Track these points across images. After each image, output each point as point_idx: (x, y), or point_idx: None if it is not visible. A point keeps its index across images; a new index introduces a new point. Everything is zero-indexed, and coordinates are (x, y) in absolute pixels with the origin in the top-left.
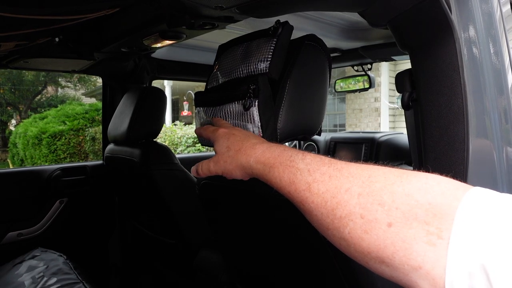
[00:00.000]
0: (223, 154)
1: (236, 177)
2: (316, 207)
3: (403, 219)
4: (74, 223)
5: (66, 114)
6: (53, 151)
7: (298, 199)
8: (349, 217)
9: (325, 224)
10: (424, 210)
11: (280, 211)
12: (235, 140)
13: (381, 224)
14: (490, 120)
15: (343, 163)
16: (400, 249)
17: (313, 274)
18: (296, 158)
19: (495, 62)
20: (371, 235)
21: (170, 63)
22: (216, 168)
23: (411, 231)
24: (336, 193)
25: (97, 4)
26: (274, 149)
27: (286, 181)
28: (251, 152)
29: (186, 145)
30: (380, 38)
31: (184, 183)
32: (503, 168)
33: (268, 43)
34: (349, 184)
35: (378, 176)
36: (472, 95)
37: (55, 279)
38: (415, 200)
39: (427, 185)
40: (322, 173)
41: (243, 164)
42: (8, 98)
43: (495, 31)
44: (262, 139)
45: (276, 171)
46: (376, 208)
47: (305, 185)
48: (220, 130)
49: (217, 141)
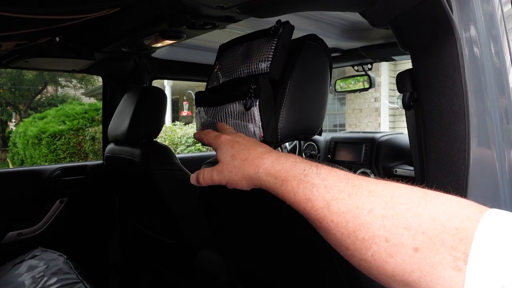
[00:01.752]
0: (227, 164)
1: (241, 188)
2: (335, 226)
3: (430, 244)
4: (74, 223)
5: (66, 113)
6: (53, 151)
7: (315, 216)
8: (373, 240)
9: (345, 244)
10: (451, 235)
11: (281, 211)
12: (240, 149)
13: (407, 248)
14: (491, 120)
15: (359, 178)
16: (427, 274)
17: (313, 273)
18: (310, 172)
19: (496, 62)
20: (396, 259)
21: (171, 63)
22: (219, 177)
23: (438, 257)
24: (358, 214)
25: (97, 4)
26: (284, 161)
27: (301, 197)
28: (259, 163)
29: (186, 144)
30: (381, 38)
31: (184, 183)
32: (504, 168)
33: (269, 43)
34: (371, 204)
35: (401, 196)
36: (473, 95)
37: (55, 279)
38: (441, 224)
39: (452, 209)
40: (340, 190)
41: (251, 176)
42: (8, 97)
43: (496, 31)
44: (268, 147)
45: (289, 185)
46: (402, 232)
47: (323, 202)
48: (223, 137)
49: (220, 148)
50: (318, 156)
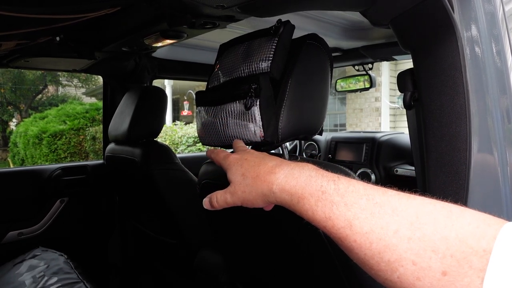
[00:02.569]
0: (239, 184)
1: (258, 206)
2: (359, 247)
3: (458, 267)
4: (74, 222)
5: (67, 113)
6: (54, 151)
7: (337, 236)
8: (399, 263)
9: (369, 265)
10: (479, 257)
11: (281, 212)
12: (250, 166)
13: (435, 272)
14: (493, 119)
15: (380, 193)
16: None
17: (314, 274)
18: (328, 189)
19: (497, 61)
20: (424, 283)
21: (171, 62)
22: (234, 199)
23: (466, 279)
24: (383, 235)
25: (98, 3)
26: (298, 175)
27: (321, 216)
28: (271, 179)
29: (187, 144)
30: (382, 37)
31: (185, 183)
32: (505, 167)
33: (270, 42)
34: (396, 225)
35: (426, 216)
36: (475, 94)
37: (56, 279)
38: (469, 247)
39: (479, 229)
40: (362, 209)
41: (265, 193)
42: (9, 97)
43: (498, 30)
44: (279, 160)
45: (307, 203)
46: (429, 255)
47: (344, 222)
48: (231, 157)
49: (230, 169)
50: (318, 155)
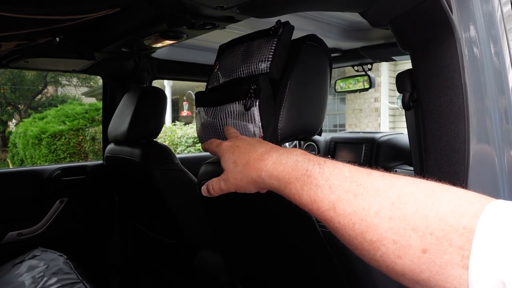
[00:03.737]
0: (231, 171)
1: (250, 192)
2: (343, 228)
3: (438, 245)
4: (74, 223)
5: (66, 114)
6: (53, 151)
7: (322, 218)
8: (381, 242)
9: (354, 245)
10: (458, 234)
11: (280, 212)
12: (240, 153)
13: (415, 250)
14: (491, 120)
15: (364, 175)
16: (436, 274)
17: (313, 274)
18: (314, 172)
19: (495, 62)
20: (405, 261)
21: (171, 63)
22: (227, 186)
23: (446, 257)
24: (365, 216)
25: (97, 4)
26: (286, 160)
27: (307, 200)
28: (260, 165)
29: (186, 145)
30: (381, 38)
31: (185, 183)
32: (503, 168)
33: (269, 43)
34: (377, 205)
35: (408, 196)
36: (473, 95)
37: (56, 279)
38: (449, 225)
39: (460, 207)
40: (345, 191)
41: (255, 179)
42: (9, 97)
43: (496, 31)
44: (269, 146)
45: (293, 187)
46: (409, 233)
47: (328, 204)
48: (224, 144)
49: (223, 156)
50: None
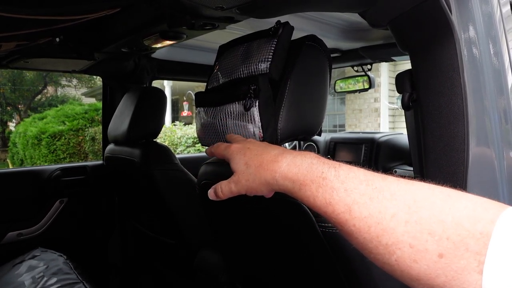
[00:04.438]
0: (243, 173)
1: (262, 194)
2: (357, 231)
3: (455, 249)
4: (74, 223)
5: (66, 114)
6: (53, 151)
7: (337, 221)
8: (397, 246)
9: (368, 248)
10: (475, 240)
11: (281, 212)
12: (253, 155)
13: (432, 255)
14: (490, 120)
15: (380, 179)
16: (452, 279)
17: (313, 275)
18: (329, 175)
19: (495, 62)
20: (420, 265)
21: (170, 63)
22: (238, 188)
23: (463, 262)
24: (381, 219)
25: (97, 4)
26: (300, 162)
27: (322, 202)
28: (274, 167)
29: (186, 145)
30: (380, 38)
31: (184, 183)
32: (503, 168)
33: (269, 44)
34: (394, 209)
35: (424, 200)
36: (472, 95)
37: (55, 279)
38: (466, 230)
39: (476, 212)
40: (361, 194)
41: (268, 181)
42: (8, 97)
43: (495, 31)
44: (281, 149)
45: (308, 189)
46: (426, 237)
47: (344, 207)
48: (233, 146)
49: (233, 158)
50: None
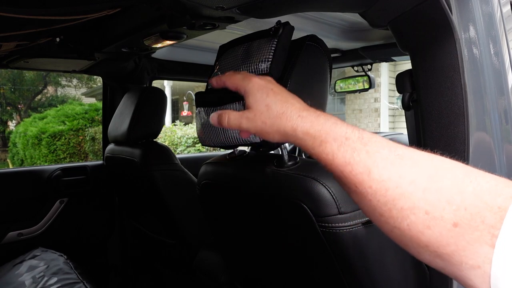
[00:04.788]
0: (261, 113)
1: (271, 140)
2: (374, 193)
3: (470, 220)
4: (74, 223)
5: (66, 114)
6: (53, 151)
7: (353, 181)
8: (412, 210)
9: (380, 211)
10: (493, 213)
11: (280, 212)
12: (277, 100)
13: (447, 223)
14: (491, 120)
15: (402, 147)
16: (462, 249)
17: (313, 275)
18: (352, 136)
19: (495, 62)
20: (433, 231)
21: (171, 63)
22: (249, 125)
23: (476, 233)
24: (400, 183)
25: (98, 4)
26: (324, 121)
27: (341, 161)
28: (298, 121)
29: (186, 145)
30: (381, 38)
31: (185, 183)
32: (503, 168)
33: (269, 44)
34: (414, 175)
35: (446, 171)
36: (473, 95)
37: (56, 279)
38: (484, 202)
39: (497, 187)
40: (382, 158)
41: (287, 132)
42: (8, 97)
43: (496, 31)
44: (303, 103)
45: (329, 147)
46: (443, 205)
47: (363, 168)
48: (255, 81)
49: (253, 94)
50: None
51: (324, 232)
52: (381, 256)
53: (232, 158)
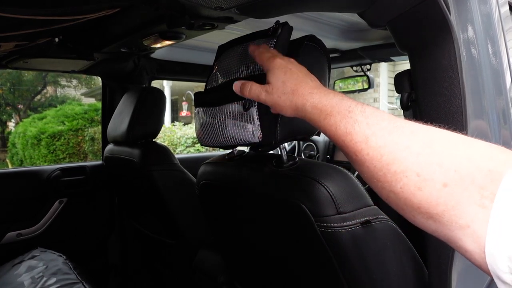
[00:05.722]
0: (278, 88)
1: (284, 114)
2: (370, 159)
3: (460, 181)
4: (73, 223)
5: (65, 114)
6: (52, 151)
7: (352, 149)
8: (404, 173)
9: (376, 177)
10: (483, 175)
11: (279, 212)
12: (293, 78)
13: (436, 183)
14: (489, 120)
15: (403, 120)
16: (451, 209)
17: (312, 274)
18: (355, 109)
19: (493, 62)
20: (424, 192)
21: (170, 63)
22: (267, 98)
23: (465, 193)
24: (395, 149)
25: (97, 4)
26: (332, 97)
27: (342, 131)
28: (308, 97)
29: (185, 145)
30: (379, 38)
31: (184, 183)
32: None
33: (268, 44)
34: (408, 142)
35: (441, 138)
36: (471, 95)
37: (55, 279)
38: (475, 165)
39: (491, 153)
40: (381, 128)
41: (298, 107)
42: (8, 98)
43: (494, 32)
44: (317, 82)
45: (332, 119)
46: (434, 168)
47: (362, 137)
48: (277, 60)
49: (273, 71)
50: (317, 156)
51: (323, 232)
52: (380, 256)
53: (231, 158)
